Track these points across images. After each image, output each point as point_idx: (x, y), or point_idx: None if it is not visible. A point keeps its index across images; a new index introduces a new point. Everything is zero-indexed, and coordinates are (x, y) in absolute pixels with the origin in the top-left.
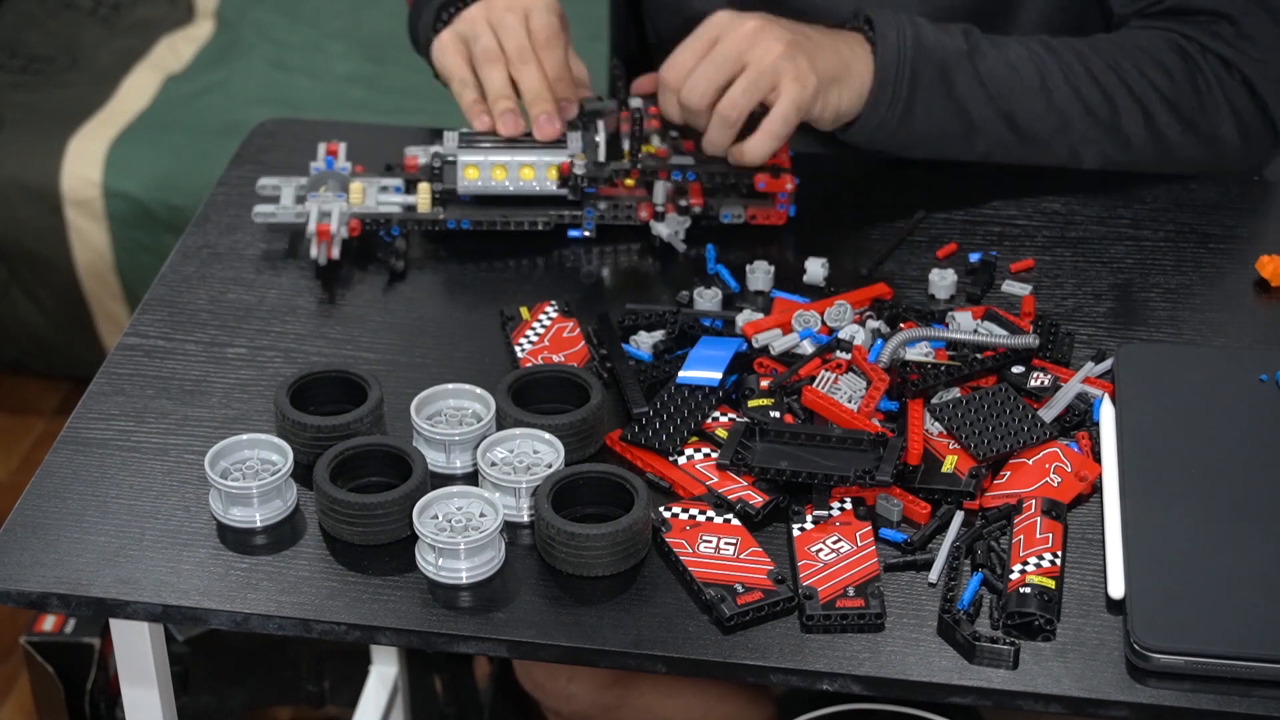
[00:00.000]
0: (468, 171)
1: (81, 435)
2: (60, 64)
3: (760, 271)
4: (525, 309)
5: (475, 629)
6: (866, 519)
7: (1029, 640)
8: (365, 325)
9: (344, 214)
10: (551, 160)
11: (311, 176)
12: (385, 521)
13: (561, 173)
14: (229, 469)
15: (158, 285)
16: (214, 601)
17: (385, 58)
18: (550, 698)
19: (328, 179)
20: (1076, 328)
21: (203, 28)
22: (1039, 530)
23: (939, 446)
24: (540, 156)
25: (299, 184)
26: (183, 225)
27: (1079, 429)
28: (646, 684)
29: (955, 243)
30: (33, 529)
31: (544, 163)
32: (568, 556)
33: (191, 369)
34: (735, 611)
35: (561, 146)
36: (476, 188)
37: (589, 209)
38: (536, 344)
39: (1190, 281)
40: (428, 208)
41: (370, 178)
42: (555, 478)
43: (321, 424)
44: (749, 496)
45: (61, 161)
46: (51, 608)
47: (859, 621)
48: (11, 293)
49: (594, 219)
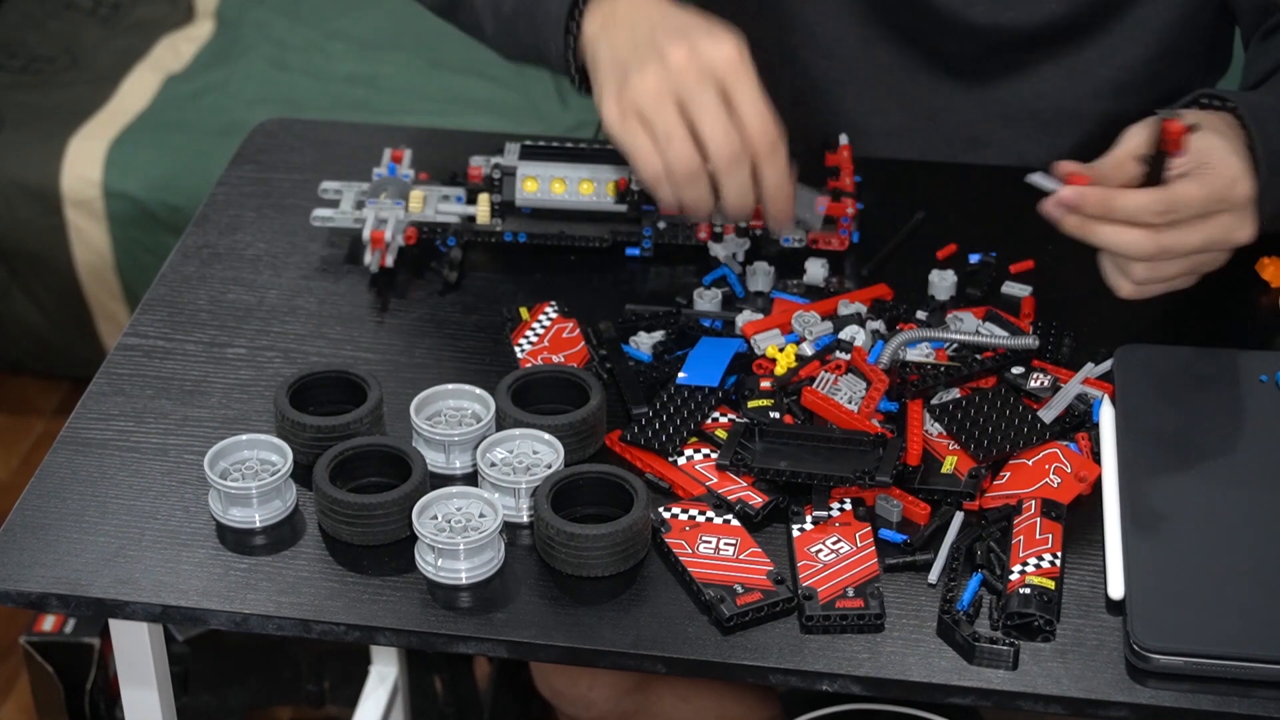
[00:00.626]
0: (527, 184)
1: (81, 435)
2: (60, 64)
3: (760, 272)
4: (525, 309)
5: (475, 629)
6: (866, 520)
7: (1029, 641)
8: (365, 325)
9: (400, 221)
10: (611, 176)
11: (373, 182)
12: (385, 522)
13: (619, 188)
14: (228, 469)
15: (158, 285)
16: (213, 602)
17: (385, 58)
18: (570, 704)
19: (388, 185)
20: (1077, 328)
21: (203, 28)
22: (1039, 531)
23: (939, 447)
24: (599, 172)
25: (360, 189)
26: (183, 225)
27: (1079, 430)
28: (665, 689)
29: (955, 243)
30: (32, 529)
31: (603, 178)
32: (567, 557)
33: (191, 369)
34: (735, 612)
35: (623, 162)
36: (535, 200)
37: (647, 227)
38: (536, 344)
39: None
40: (487, 219)
41: (433, 186)
42: (555, 478)
43: (321, 424)
44: (749, 497)
45: (61, 161)
46: (51, 608)
47: (859, 622)
48: (11, 293)
49: (651, 237)
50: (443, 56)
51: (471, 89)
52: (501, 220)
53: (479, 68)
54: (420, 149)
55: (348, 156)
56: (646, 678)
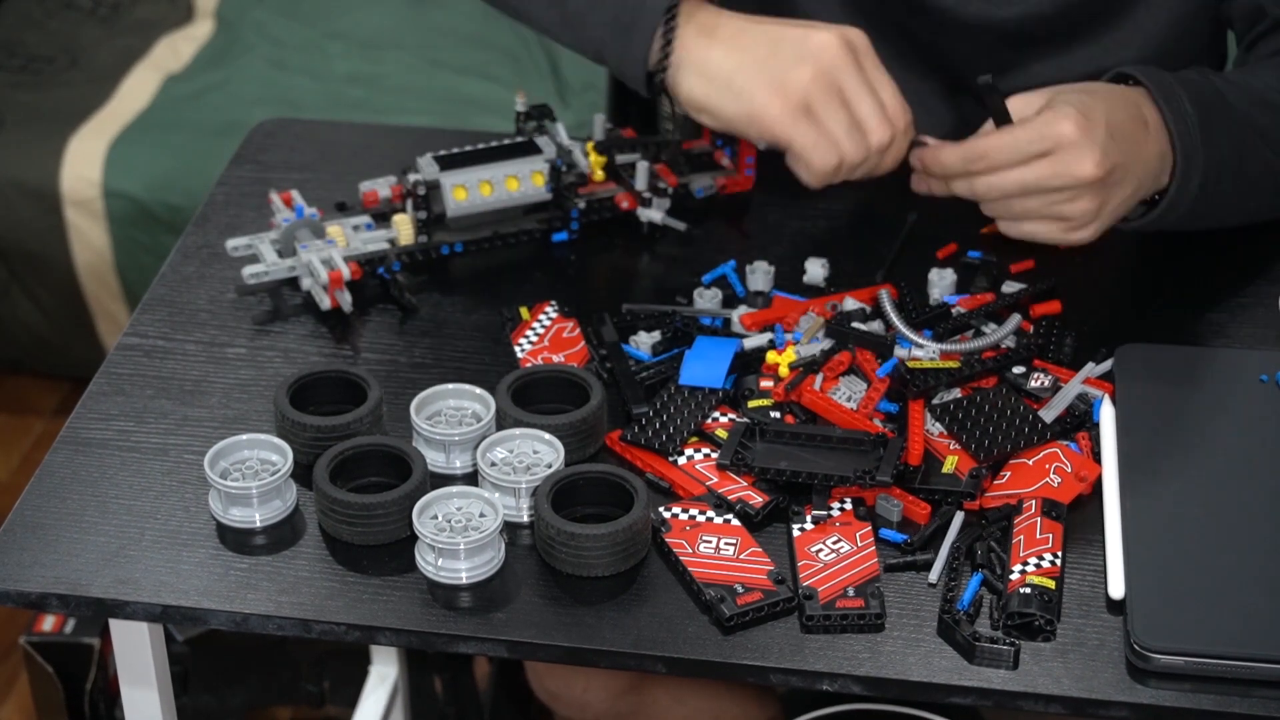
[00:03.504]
0: (456, 193)
1: (81, 435)
2: (60, 64)
3: (760, 271)
4: (525, 309)
5: (475, 629)
6: (866, 519)
7: (1029, 640)
8: (365, 325)
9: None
10: (532, 167)
11: (283, 228)
12: (385, 522)
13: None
14: (229, 469)
15: (157, 285)
16: (213, 601)
17: (385, 58)
18: (566, 706)
19: (301, 227)
20: (1077, 328)
21: (202, 27)
22: (1039, 531)
23: (939, 447)
24: (519, 166)
25: (270, 238)
26: (182, 225)
27: (1079, 429)
28: (661, 690)
29: (955, 243)
30: (32, 529)
31: (525, 171)
32: (567, 556)
33: (191, 369)
34: (735, 612)
35: (536, 152)
36: (467, 207)
37: (573, 210)
38: (536, 344)
39: (1190, 281)
40: (411, 239)
41: (335, 219)
42: (555, 478)
43: (321, 424)
44: (749, 497)
45: (61, 161)
46: (51, 608)
47: (859, 622)
48: (11, 293)
49: (578, 218)
50: (443, 56)
51: (471, 89)
52: (428, 236)
53: (479, 68)
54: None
55: (347, 156)
56: (641, 679)
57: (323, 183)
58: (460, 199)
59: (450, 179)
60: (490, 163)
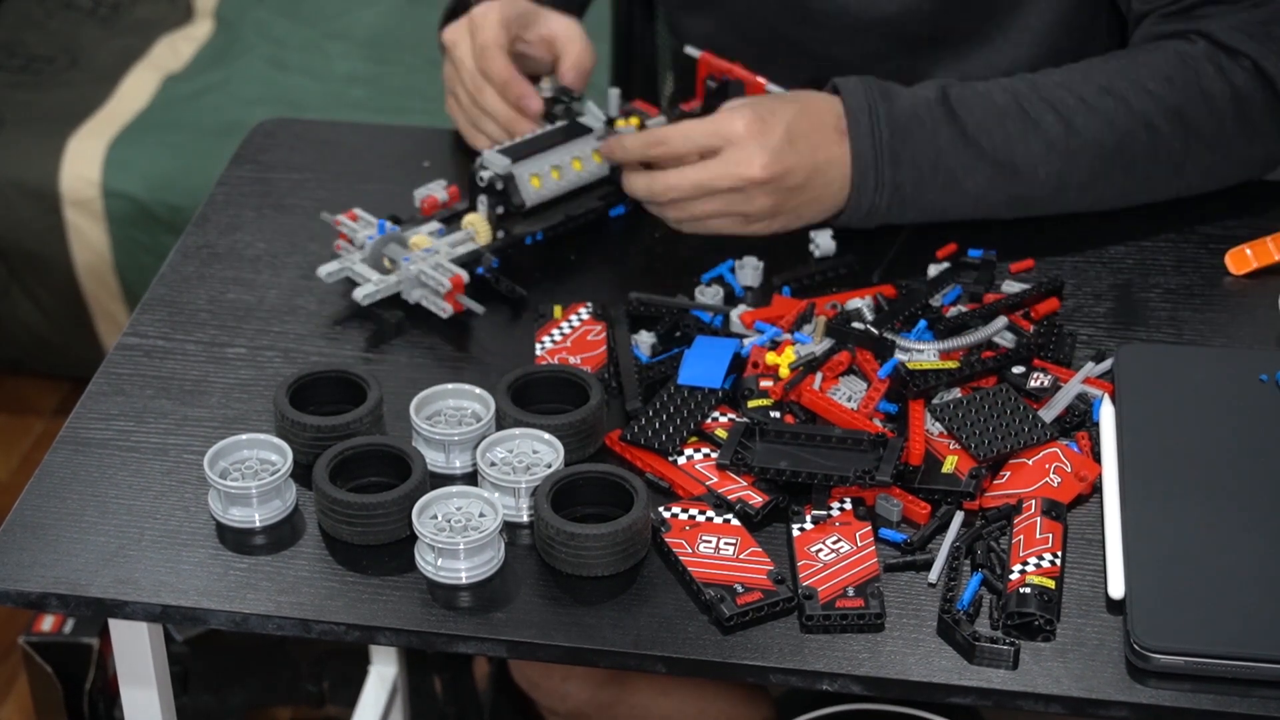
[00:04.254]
0: (533, 182)
1: (81, 435)
2: (60, 64)
3: (749, 267)
4: (559, 307)
5: (475, 629)
6: (866, 519)
7: (1029, 640)
8: (365, 325)
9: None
10: (591, 146)
11: (370, 245)
12: (385, 521)
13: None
14: (228, 469)
15: (157, 285)
16: (213, 601)
17: (385, 58)
18: (546, 696)
19: (389, 241)
20: (1076, 328)
21: (202, 27)
22: (1039, 530)
23: (939, 447)
24: (581, 147)
25: (360, 258)
26: (182, 225)
27: (1079, 429)
28: (642, 682)
29: (955, 243)
30: (32, 529)
31: (587, 151)
32: (567, 556)
33: (191, 369)
34: (735, 612)
35: (587, 131)
36: (543, 194)
37: None
38: (558, 344)
39: (1190, 281)
40: (488, 236)
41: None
42: (555, 478)
43: (321, 424)
44: (749, 496)
45: (61, 161)
46: (50, 608)
47: (859, 621)
48: (11, 293)
49: None
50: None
51: None
52: (506, 230)
53: None
54: (421, 149)
55: (347, 156)
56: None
57: (322, 182)
58: (536, 186)
59: (524, 169)
60: (553, 149)
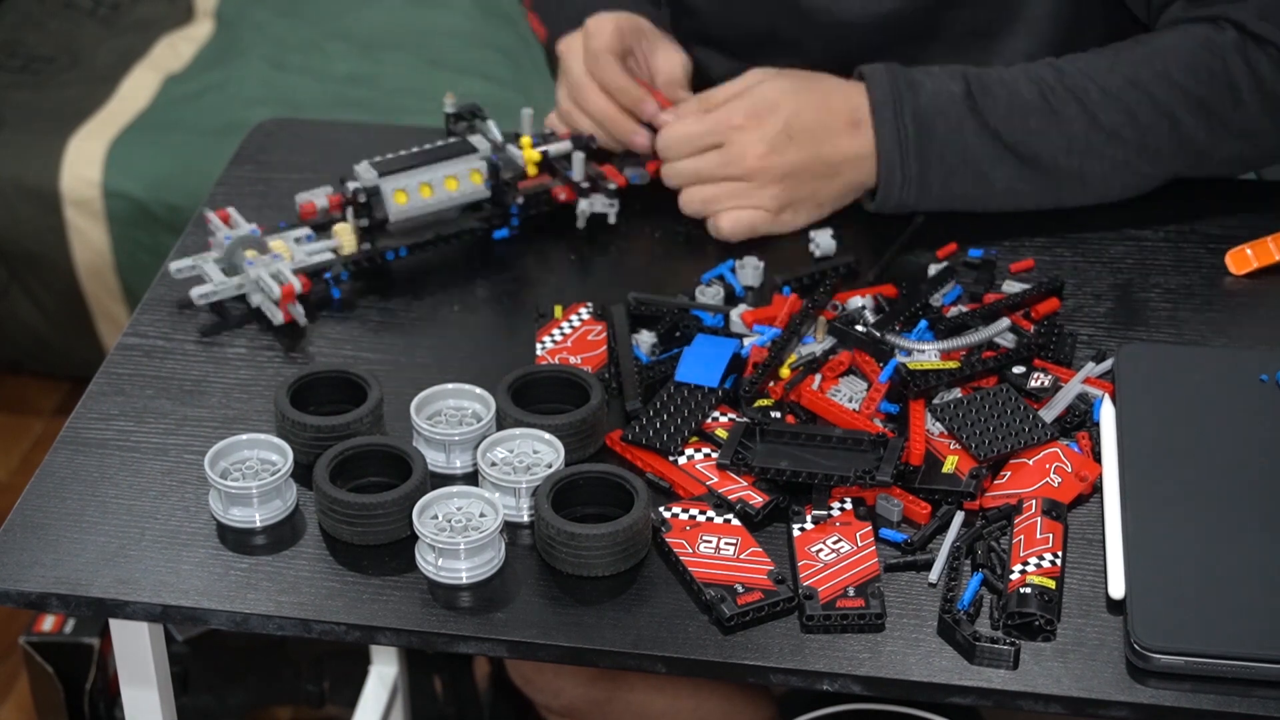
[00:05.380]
0: (397, 197)
1: (81, 435)
2: (60, 64)
3: (750, 267)
4: (559, 307)
5: (475, 629)
6: (866, 519)
7: (1029, 640)
8: (365, 325)
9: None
10: (470, 166)
11: (225, 246)
12: (385, 521)
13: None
14: (229, 469)
15: (157, 285)
16: (213, 601)
17: (385, 58)
18: (540, 693)
19: (243, 244)
20: (1077, 328)
21: (202, 27)
22: (1039, 530)
23: (940, 447)
24: (458, 166)
25: (214, 257)
26: (182, 225)
27: (1079, 429)
28: (636, 679)
29: (955, 243)
30: (32, 529)
31: (465, 170)
32: (568, 556)
33: (191, 369)
34: (735, 612)
35: (472, 151)
36: (409, 211)
37: (513, 205)
38: (559, 344)
39: (1190, 281)
40: (354, 246)
41: (273, 234)
42: (555, 478)
43: (321, 424)
44: (749, 496)
45: (61, 161)
46: (51, 608)
47: (859, 621)
48: (11, 293)
49: (517, 214)
50: (443, 56)
51: (471, 89)
52: (371, 243)
53: (479, 68)
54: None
55: (347, 156)
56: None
57: (322, 183)
58: (401, 203)
59: (390, 184)
60: (428, 165)
